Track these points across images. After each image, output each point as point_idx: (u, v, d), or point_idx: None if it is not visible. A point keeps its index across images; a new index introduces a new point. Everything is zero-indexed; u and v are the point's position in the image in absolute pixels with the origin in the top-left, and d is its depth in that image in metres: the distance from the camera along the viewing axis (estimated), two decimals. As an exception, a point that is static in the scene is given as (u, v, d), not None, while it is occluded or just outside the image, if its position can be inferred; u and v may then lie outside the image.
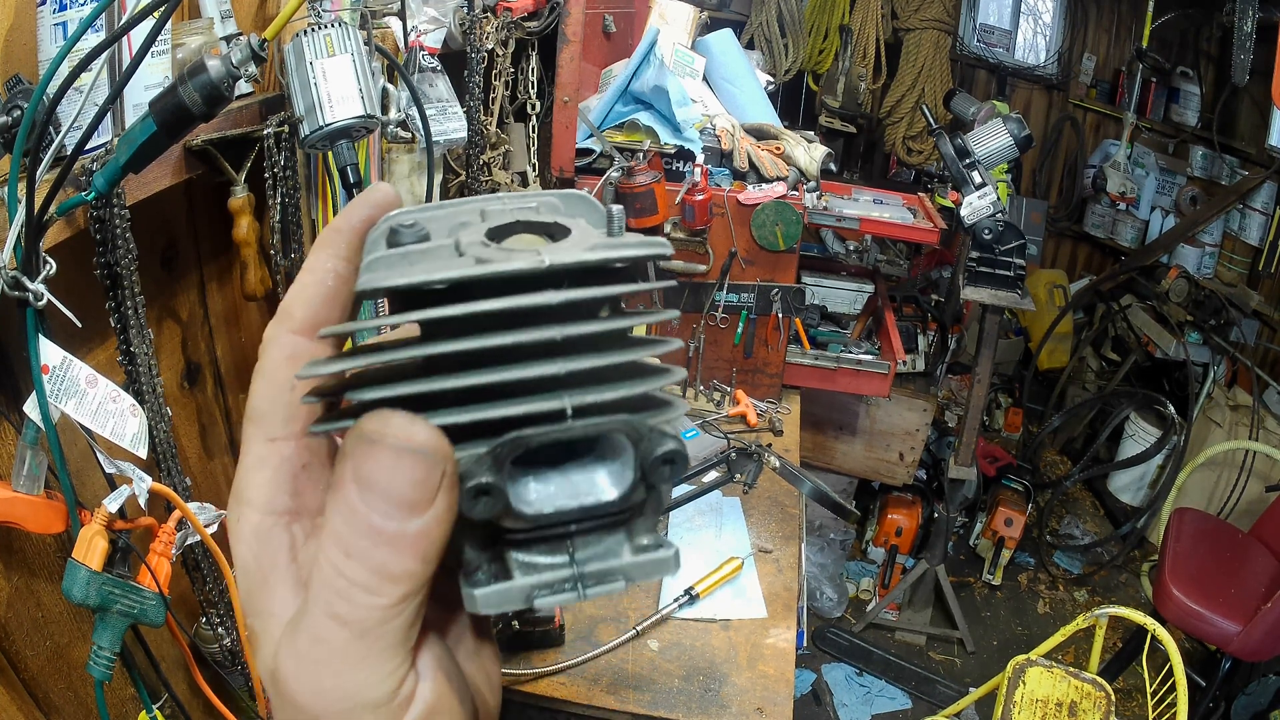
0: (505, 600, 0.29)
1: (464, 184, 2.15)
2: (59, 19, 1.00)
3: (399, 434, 0.27)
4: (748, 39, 4.26)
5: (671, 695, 1.63)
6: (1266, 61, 3.01)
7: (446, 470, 0.27)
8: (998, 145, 2.66)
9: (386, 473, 0.26)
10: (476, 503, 0.28)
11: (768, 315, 2.56)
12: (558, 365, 0.28)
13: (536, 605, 0.30)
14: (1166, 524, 3.31)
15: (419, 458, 0.27)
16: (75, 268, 1.07)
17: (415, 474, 0.26)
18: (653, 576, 0.31)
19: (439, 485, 0.27)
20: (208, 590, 1.34)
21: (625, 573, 0.31)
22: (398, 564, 0.27)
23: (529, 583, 0.30)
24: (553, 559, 0.30)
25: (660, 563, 0.31)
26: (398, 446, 0.27)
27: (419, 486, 0.27)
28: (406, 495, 0.27)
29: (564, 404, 0.29)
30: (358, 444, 0.27)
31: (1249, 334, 4.12)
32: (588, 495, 0.30)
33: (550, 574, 0.30)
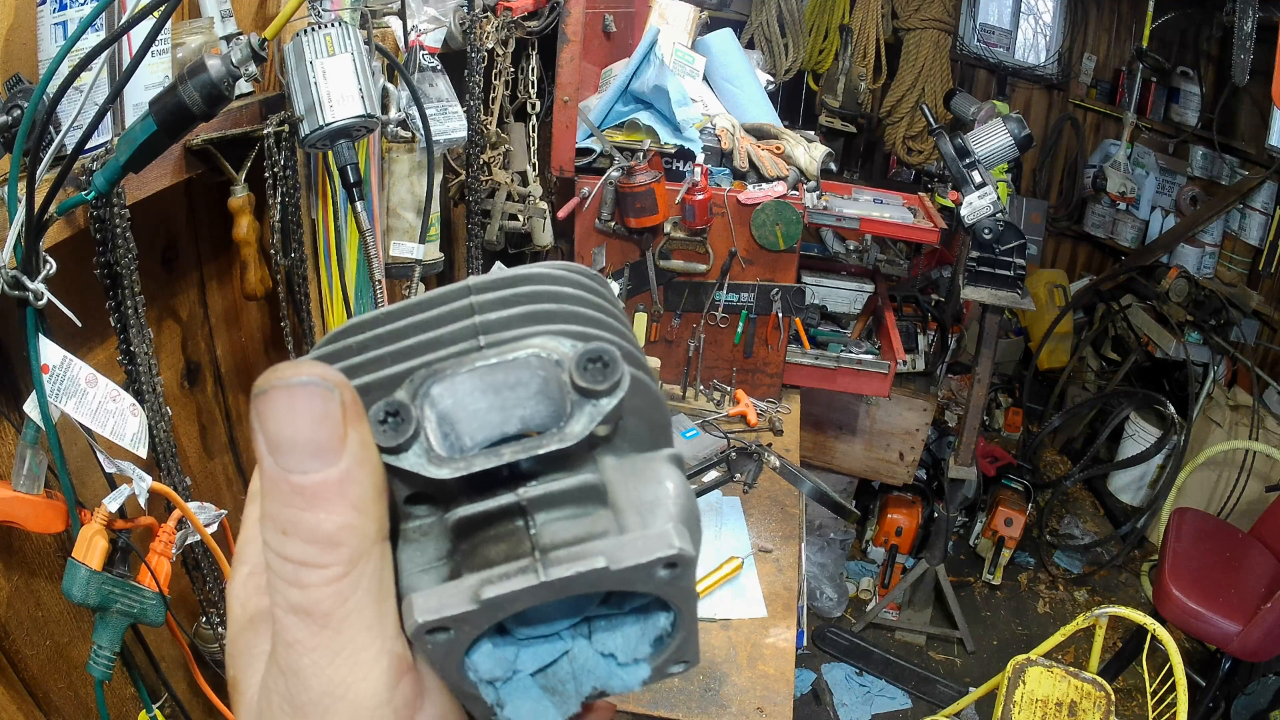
0: (446, 601, 0.25)
1: (464, 184, 2.15)
2: (59, 19, 1.00)
3: (285, 373, 0.25)
4: (748, 39, 4.26)
5: (671, 695, 1.63)
6: (1266, 61, 3.01)
7: (345, 400, 0.25)
8: (998, 145, 2.66)
9: (285, 418, 0.25)
10: (387, 428, 0.26)
11: (768, 315, 2.56)
12: (472, 318, 0.28)
13: (485, 596, 0.25)
14: (1166, 524, 3.31)
15: (311, 389, 0.25)
16: (75, 267, 1.07)
17: (313, 407, 0.25)
18: (645, 556, 0.25)
19: (342, 418, 0.25)
20: (208, 590, 1.34)
21: (604, 549, 0.25)
22: (331, 520, 0.25)
23: (476, 577, 0.25)
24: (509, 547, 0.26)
25: (655, 538, 0.25)
26: (286, 384, 0.25)
27: (321, 421, 0.25)
28: (312, 436, 0.25)
29: (477, 340, 0.27)
30: (255, 402, 0.25)
31: (1249, 334, 4.12)
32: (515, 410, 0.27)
33: (505, 563, 0.25)
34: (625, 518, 0.26)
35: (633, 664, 0.28)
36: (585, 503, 0.27)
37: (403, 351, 0.28)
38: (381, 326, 0.29)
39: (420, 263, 1.75)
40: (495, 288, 0.29)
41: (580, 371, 0.26)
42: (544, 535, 0.26)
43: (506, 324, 0.28)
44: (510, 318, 0.28)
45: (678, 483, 0.28)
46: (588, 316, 0.29)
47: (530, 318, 0.28)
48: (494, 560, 0.26)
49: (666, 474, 0.28)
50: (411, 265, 1.75)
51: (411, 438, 0.26)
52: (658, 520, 0.26)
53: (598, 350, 0.26)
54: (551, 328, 0.28)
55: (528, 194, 2.40)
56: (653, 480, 0.28)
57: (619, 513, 0.27)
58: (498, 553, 0.26)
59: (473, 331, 0.28)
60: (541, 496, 0.26)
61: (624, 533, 0.26)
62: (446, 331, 0.28)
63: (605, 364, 0.26)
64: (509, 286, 0.29)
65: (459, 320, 0.28)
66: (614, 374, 0.26)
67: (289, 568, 0.25)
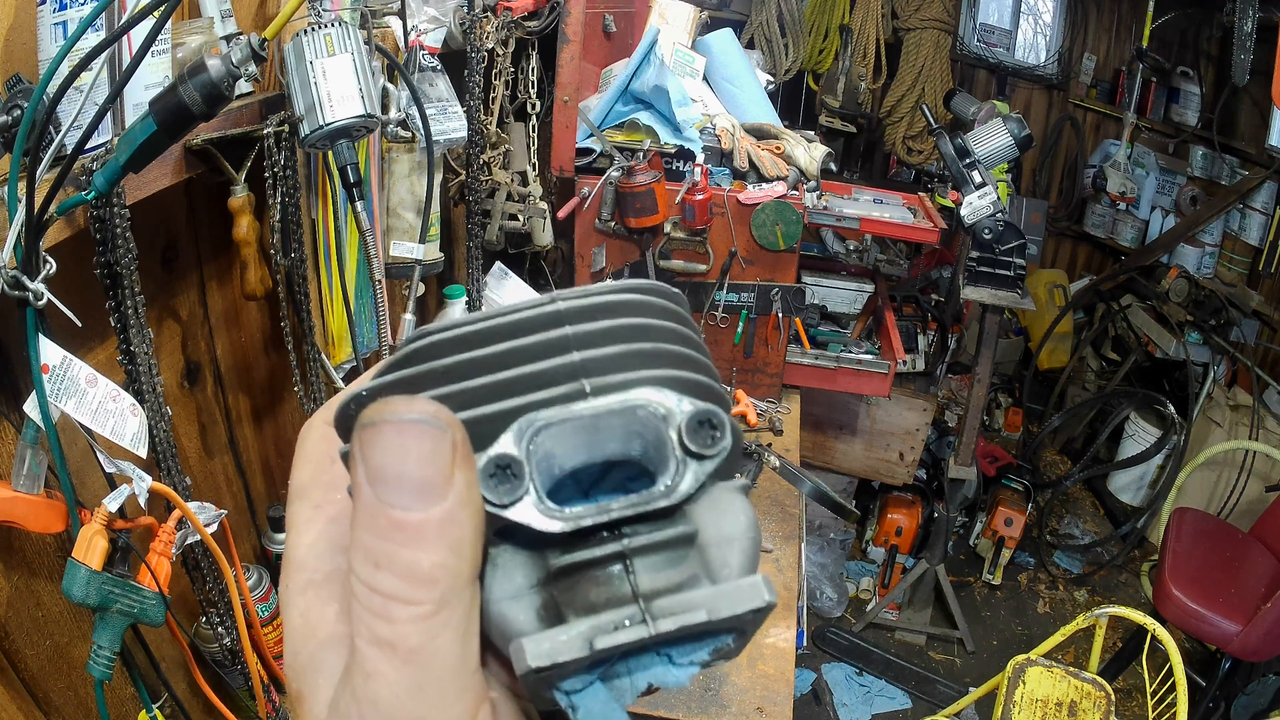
0: (559, 647, 0.25)
1: (464, 184, 2.15)
2: (59, 19, 1.00)
3: (398, 408, 0.25)
4: (748, 39, 4.26)
5: (671, 695, 1.63)
6: (1266, 61, 3.01)
7: (456, 440, 0.25)
8: (998, 145, 2.66)
9: (394, 454, 0.25)
10: (496, 483, 0.26)
11: (768, 315, 2.56)
12: (571, 355, 0.27)
13: (597, 646, 0.25)
14: (1166, 524, 3.31)
15: (423, 427, 0.25)
16: (75, 267, 1.07)
17: (423, 446, 0.25)
18: (744, 605, 0.26)
19: (451, 458, 0.25)
20: (208, 590, 1.34)
21: (705, 602, 0.26)
22: (428, 558, 0.25)
23: (586, 623, 0.26)
24: (612, 594, 0.27)
25: (747, 588, 0.26)
26: (398, 420, 0.25)
27: (430, 460, 0.25)
28: (419, 474, 0.25)
29: (581, 384, 0.27)
30: (361, 433, 0.25)
31: (1249, 334, 4.12)
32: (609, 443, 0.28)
33: (610, 612, 0.26)
34: (709, 555, 0.28)
35: (688, 665, 0.29)
36: (679, 548, 0.28)
37: (502, 386, 0.27)
38: (470, 351, 0.28)
39: (420, 263, 1.75)
40: (590, 317, 0.29)
41: (691, 435, 0.27)
42: (644, 582, 0.27)
43: (609, 365, 0.28)
44: (612, 357, 0.28)
45: (749, 515, 0.29)
46: (685, 358, 0.30)
47: (632, 358, 0.28)
48: (596, 604, 0.27)
49: (740, 507, 0.29)
50: (411, 265, 1.75)
51: (523, 494, 0.27)
52: (735, 558, 0.28)
53: (708, 414, 0.27)
54: (655, 374, 0.28)
55: (528, 194, 2.40)
56: (729, 513, 0.29)
57: (703, 549, 0.28)
58: (599, 596, 0.27)
59: (573, 372, 0.28)
60: (643, 546, 0.27)
61: (712, 576, 0.28)
62: (546, 369, 0.28)
63: (715, 427, 0.27)
64: (604, 317, 0.29)
65: (557, 355, 0.28)
66: (722, 439, 0.28)
67: (378, 600, 0.25)
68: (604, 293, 0.29)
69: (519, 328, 0.28)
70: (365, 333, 1.72)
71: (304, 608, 0.30)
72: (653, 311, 0.30)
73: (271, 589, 1.60)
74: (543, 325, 0.28)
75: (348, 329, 1.63)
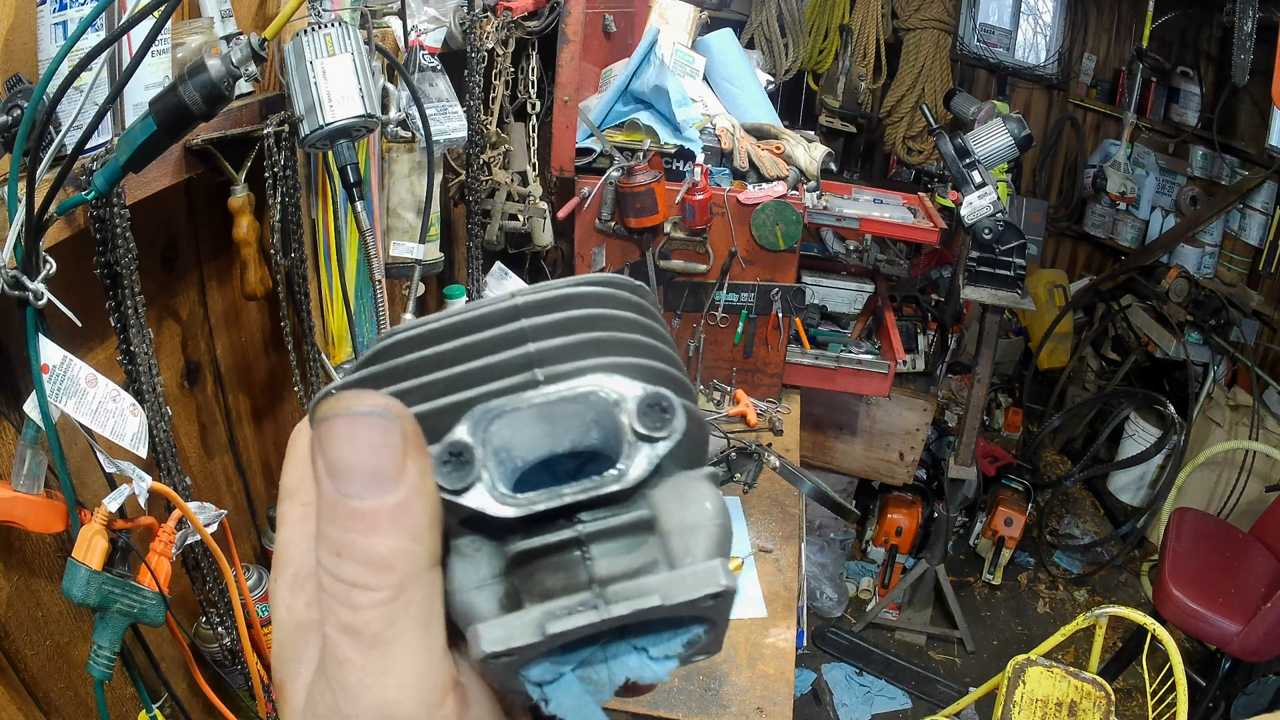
0: (512, 632, 0.26)
1: (464, 184, 2.15)
2: (59, 19, 1.00)
3: (349, 402, 0.26)
4: (748, 39, 4.26)
5: (671, 695, 1.63)
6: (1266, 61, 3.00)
7: (406, 430, 0.26)
8: (998, 145, 2.66)
9: (346, 445, 0.26)
10: (449, 469, 0.27)
11: (768, 315, 2.56)
12: (526, 347, 0.28)
13: (550, 630, 0.26)
14: (1166, 524, 3.31)
15: (373, 419, 0.26)
16: (75, 267, 1.07)
17: (373, 436, 0.26)
18: (697, 592, 0.26)
19: (402, 447, 0.26)
20: (208, 590, 1.34)
21: (659, 587, 0.26)
22: (384, 544, 0.26)
23: (539, 610, 0.26)
24: (568, 580, 0.27)
25: (704, 573, 0.26)
26: (349, 413, 0.26)
27: (381, 450, 0.26)
28: (371, 463, 0.26)
29: (533, 374, 0.28)
30: (319, 428, 0.26)
31: (1249, 334, 4.12)
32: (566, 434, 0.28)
33: (564, 598, 0.26)
34: (671, 543, 0.28)
35: (664, 659, 0.30)
36: (637, 533, 0.28)
37: (457, 379, 0.28)
38: (430, 347, 0.29)
39: (420, 263, 1.75)
40: (546, 309, 0.29)
41: (641, 417, 0.27)
42: (600, 567, 0.27)
43: (562, 354, 0.28)
44: (565, 347, 0.28)
45: (716, 503, 0.29)
46: (641, 345, 0.30)
47: (585, 347, 0.29)
48: (553, 590, 0.27)
49: (706, 494, 0.29)
50: (411, 265, 1.75)
51: (475, 480, 0.27)
52: (700, 545, 0.28)
53: (657, 396, 0.28)
54: (608, 360, 0.28)
55: (528, 194, 2.40)
56: (694, 501, 0.29)
57: (665, 537, 0.28)
58: (556, 582, 0.27)
59: (528, 362, 0.28)
60: (598, 531, 0.28)
61: (673, 563, 0.27)
62: (500, 360, 0.28)
63: (664, 409, 0.28)
64: (561, 309, 0.29)
65: (512, 347, 0.28)
66: (673, 420, 0.28)
67: (341, 588, 0.26)
68: (562, 286, 0.30)
69: (477, 323, 0.29)
70: (365, 333, 1.72)
71: (289, 601, 0.31)
72: (611, 303, 0.30)
73: (271, 589, 1.59)
74: (500, 320, 0.29)
75: (348, 329, 1.63)
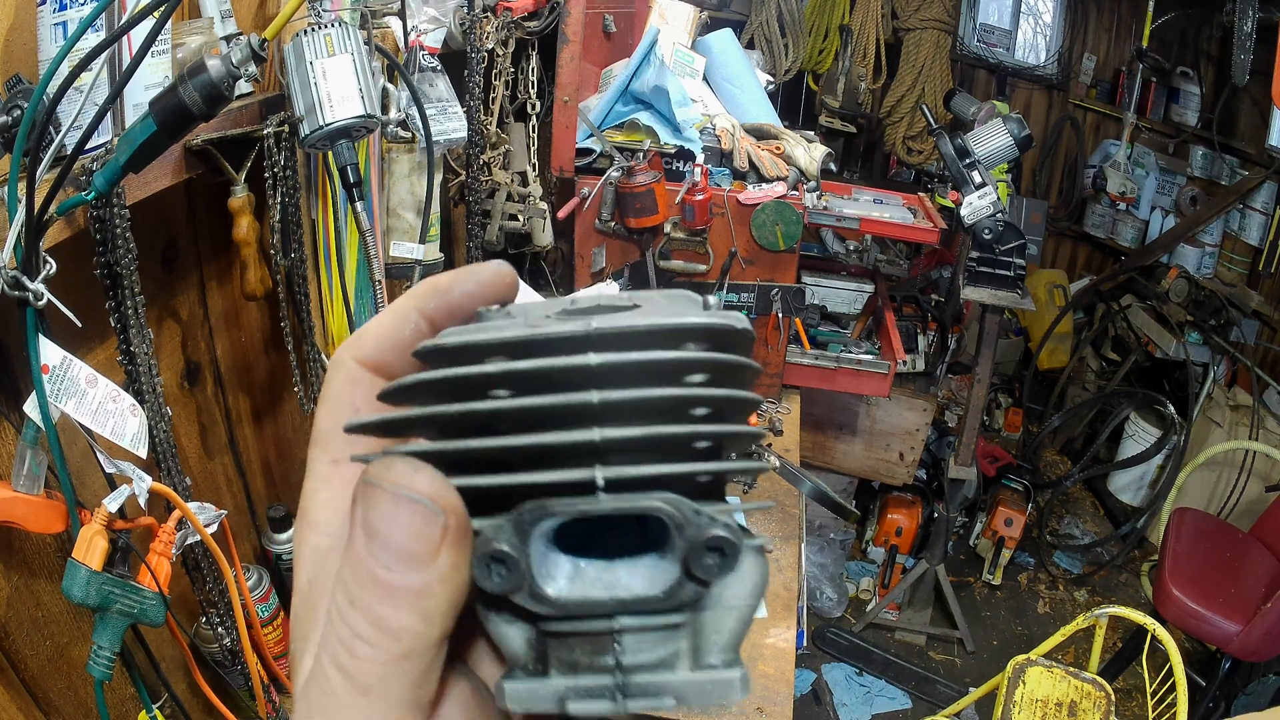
0: (533, 699, 0.27)
1: (464, 184, 2.15)
2: (59, 19, 1.00)
3: (398, 479, 0.26)
4: (748, 39, 4.26)
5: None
6: (1266, 61, 3.00)
7: (449, 525, 0.26)
8: (998, 145, 2.66)
9: (386, 520, 0.26)
10: (491, 572, 0.26)
11: (768, 315, 2.56)
12: (593, 432, 0.26)
13: (569, 709, 0.26)
14: (1166, 524, 3.31)
15: (417, 507, 0.26)
16: (75, 267, 1.07)
17: (413, 524, 0.26)
18: (711, 700, 0.27)
19: (440, 540, 0.26)
20: (208, 590, 1.34)
21: (677, 690, 0.27)
22: (396, 619, 0.26)
23: (563, 684, 0.27)
24: (594, 659, 0.27)
25: (721, 684, 0.27)
26: (395, 492, 0.26)
27: (418, 538, 0.26)
28: (405, 546, 0.26)
29: (594, 474, 0.26)
30: (362, 488, 0.27)
31: (1249, 334, 4.12)
32: (623, 587, 0.27)
33: (589, 677, 0.27)
34: (703, 618, 0.28)
35: None
36: (669, 630, 0.27)
37: (511, 454, 0.27)
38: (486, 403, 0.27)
39: (420, 263, 1.75)
40: (623, 380, 0.26)
41: (697, 559, 0.26)
42: (627, 657, 0.27)
43: (629, 452, 0.26)
44: (636, 442, 0.26)
45: (755, 582, 0.28)
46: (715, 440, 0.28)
47: (660, 445, 0.27)
48: (579, 664, 0.27)
49: (749, 573, 0.28)
50: (411, 265, 1.75)
51: (517, 588, 0.26)
52: (728, 628, 0.27)
53: (719, 542, 0.26)
54: (680, 471, 0.27)
55: (528, 194, 2.40)
56: (739, 578, 0.28)
57: (698, 614, 0.28)
58: (583, 657, 0.27)
59: (590, 453, 0.26)
60: (632, 627, 0.27)
61: (697, 650, 0.27)
62: (562, 443, 0.26)
63: (724, 555, 0.26)
64: (640, 383, 0.26)
65: (576, 427, 0.26)
66: (730, 566, 0.26)
67: (345, 631, 0.26)
68: (650, 341, 0.27)
69: (541, 378, 0.26)
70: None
71: (312, 574, 0.30)
72: (699, 370, 0.28)
73: (272, 589, 1.60)
74: (567, 381, 0.26)
75: (348, 329, 1.63)
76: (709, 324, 0.27)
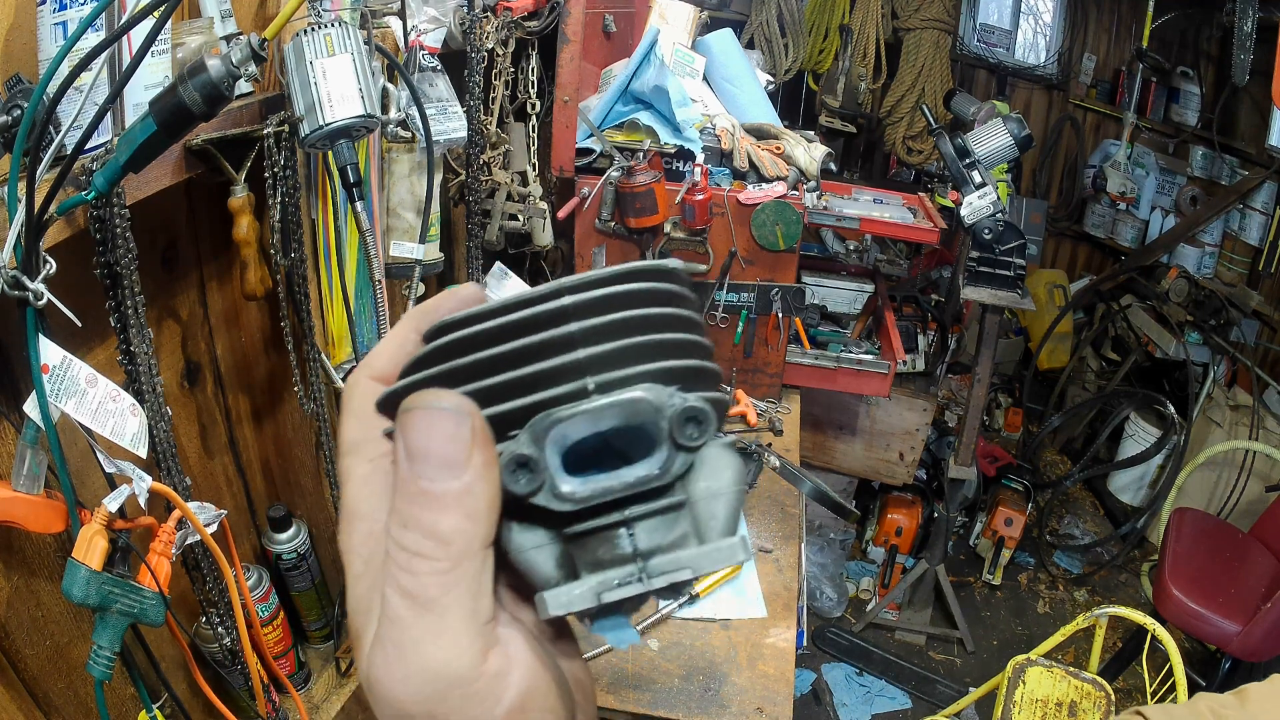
0: (571, 600, 0.31)
1: (464, 184, 2.15)
2: (59, 19, 1.00)
3: (429, 398, 0.31)
4: (748, 39, 4.25)
5: (671, 695, 1.63)
6: (1266, 61, 3.00)
7: (475, 426, 0.30)
8: (998, 145, 2.66)
9: (423, 434, 0.30)
10: (518, 477, 0.31)
11: (768, 315, 2.56)
12: (576, 353, 0.31)
13: (604, 600, 0.31)
14: (1166, 524, 3.31)
15: (447, 414, 0.30)
16: (75, 267, 1.07)
17: (446, 428, 0.30)
18: (720, 565, 0.32)
19: (470, 440, 0.30)
20: (208, 590, 1.34)
21: (690, 562, 0.32)
22: (447, 521, 0.30)
23: (594, 580, 0.32)
24: (615, 552, 0.32)
25: (725, 550, 0.32)
26: (427, 407, 0.30)
27: (452, 441, 0.30)
28: (443, 451, 0.30)
29: (585, 381, 0.31)
30: (400, 418, 0.31)
31: (1249, 334, 4.12)
32: (626, 472, 0.32)
33: (614, 570, 0.32)
34: (699, 509, 0.33)
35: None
36: (672, 511, 0.33)
37: (516, 384, 0.32)
38: (487, 349, 0.32)
39: (420, 263, 1.75)
40: (593, 312, 0.32)
41: (680, 429, 0.31)
42: (642, 541, 0.32)
43: (609, 361, 0.32)
44: (612, 353, 0.32)
45: (735, 469, 0.33)
46: (676, 344, 0.33)
47: (631, 353, 0.32)
48: (603, 560, 0.32)
49: (726, 463, 0.33)
50: (411, 265, 1.75)
51: (539, 486, 0.31)
52: (721, 510, 0.33)
53: (693, 411, 0.32)
54: (649, 369, 0.32)
55: (528, 194, 2.40)
56: (717, 469, 0.33)
57: (693, 504, 0.33)
58: (605, 553, 0.32)
59: (578, 368, 0.32)
60: (641, 514, 0.32)
61: (700, 531, 0.33)
62: (554, 366, 0.31)
63: (700, 421, 0.32)
64: (605, 311, 0.32)
65: (563, 353, 0.32)
66: (707, 431, 0.32)
67: (404, 555, 0.30)
68: (605, 284, 0.32)
69: (529, 325, 0.32)
70: (365, 333, 1.72)
71: (367, 556, 0.34)
72: (651, 299, 0.33)
73: (271, 589, 1.59)
74: (550, 322, 0.32)
75: (348, 329, 1.63)
76: (649, 265, 0.34)
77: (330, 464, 1.69)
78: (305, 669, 1.73)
